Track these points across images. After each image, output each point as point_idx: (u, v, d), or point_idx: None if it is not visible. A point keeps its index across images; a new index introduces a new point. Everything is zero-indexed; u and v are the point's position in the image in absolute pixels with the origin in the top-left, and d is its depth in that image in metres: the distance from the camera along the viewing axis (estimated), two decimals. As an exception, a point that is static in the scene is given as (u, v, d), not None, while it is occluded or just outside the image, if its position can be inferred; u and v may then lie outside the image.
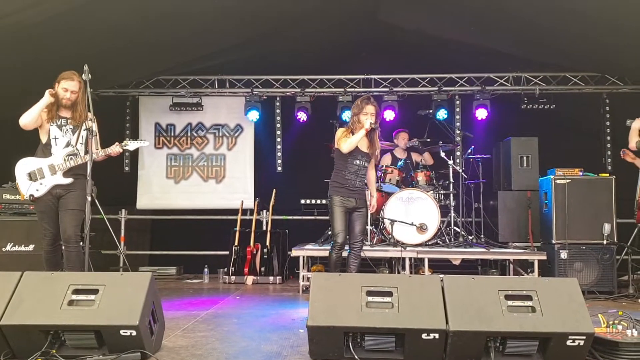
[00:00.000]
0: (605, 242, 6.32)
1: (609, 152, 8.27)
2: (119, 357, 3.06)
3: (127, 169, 8.87)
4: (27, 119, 4.48)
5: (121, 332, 3.06)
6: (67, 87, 4.54)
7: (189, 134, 8.98)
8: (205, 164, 8.94)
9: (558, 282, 3.46)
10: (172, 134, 8.99)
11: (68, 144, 4.60)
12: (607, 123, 8.35)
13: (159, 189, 8.91)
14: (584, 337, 2.99)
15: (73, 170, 4.56)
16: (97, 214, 6.45)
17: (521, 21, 6.68)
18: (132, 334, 3.06)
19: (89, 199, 4.36)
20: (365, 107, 5.20)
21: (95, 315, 3.12)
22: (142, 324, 3.09)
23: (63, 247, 4.55)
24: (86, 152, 4.55)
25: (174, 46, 7.08)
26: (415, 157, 7.86)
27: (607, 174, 6.72)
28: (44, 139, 4.60)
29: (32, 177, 4.50)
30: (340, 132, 5.31)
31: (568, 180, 6.48)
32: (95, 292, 3.22)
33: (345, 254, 5.31)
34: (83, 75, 4.38)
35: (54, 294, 3.21)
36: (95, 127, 4.51)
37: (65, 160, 4.55)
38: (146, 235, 9.69)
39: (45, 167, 4.53)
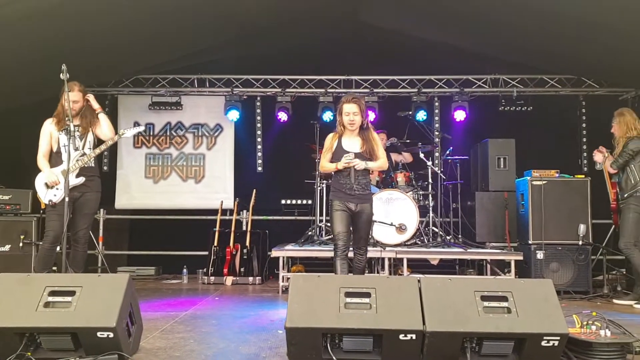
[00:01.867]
0: (580, 242, 6.41)
1: (584, 154, 8.41)
2: (95, 360, 3.04)
3: (105, 168, 8.77)
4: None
5: (98, 334, 3.03)
6: (70, 98, 4.65)
7: (168, 134, 8.93)
8: (185, 163, 8.90)
9: (533, 283, 3.50)
10: (151, 134, 8.92)
11: (77, 149, 4.85)
12: (584, 125, 8.49)
13: (138, 189, 8.85)
14: (559, 338, 3.02)
15: (84, 171, 4.84)
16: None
17: (500, 24, 6.75)
18: (109, 336, 3.03)
19: (67, 199, 4.41)
20: (343, 106, 4.82)
21: (71, 317, 3.09)
22: (120, 325, 3.06)
23: (72, 246, 4.90)
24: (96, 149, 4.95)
25: (154, 45, 7.03)
26: (394, 157, 7.91)
27: (583, 175, 6.82)
28: (54, 147, 4.89)
29: (48, 185, 4.81)
30: (327, 139, 4.96)
31: (544, 182, 6.57)
32: (72, 293, 3.18)
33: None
34: (61, 74, 4.35)
35: (30, 295, 3.17)
36: (72, 128, 4.52)
37: (75, 162, 4.79)
38: (125, 235, 9.59)
39: (59, 173, 4.80)
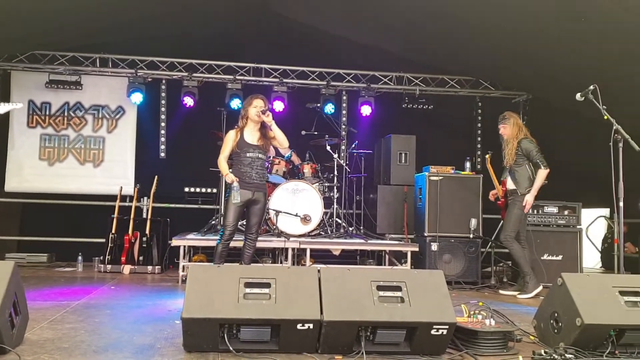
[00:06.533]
0: (471, 236, 6.79)
1: (478, 152, 8.89)
2: (-26, 353, 2.85)
3: (-6, 147, 8.22)
4: None
5: (-23, 325, 2.85)
6: None
7: (65, 114, 8.48)
8: (83, 146, 8.48)
9: (425, 274, 3.66)
10: (47, 113, 8.44)
11: None
12: (479, 125, 8.95)
13: (31, 171, 8.35)
14: (447, 327, 3.17)
15: None
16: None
17: (404, 24, 6.97)
18: (-10, 328, 2.86)
19: None
20: (254, 100, 5.34)
21: (-53, 307, 2.88)
22: (2, 316, 2.89)
23: None
24: None
25: (52, 20, 6.62)
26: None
27: (471, 172, 7.17)
28: None
29: None
30: (228, 135, 5.40)
31: (440, 177, 6.89)
32: (-52, 282, 2.96)
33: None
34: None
35: None
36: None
37: None
38: (15, 219, 9.01)
39: None
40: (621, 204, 4.50)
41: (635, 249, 8.26)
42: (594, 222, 9.00)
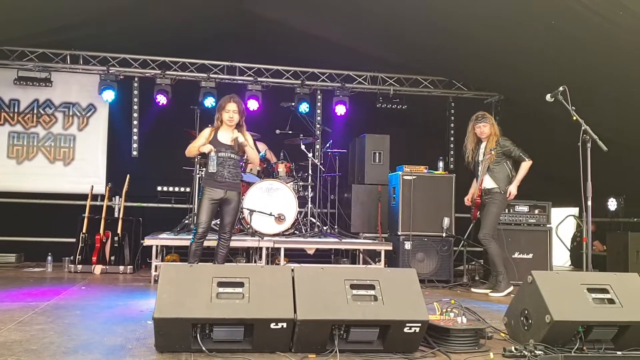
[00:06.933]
0: (444, 234, 6.87)
1: (452, 152, 8.98)
2: (-62, 355, 2.78)
3: (-40, 146, 8.02)
4: None
5: (-58, 327, 2.78)
6: None
7: (35, 111, 8.32)
8: (53, 144, 8.33)
9: (398, 272, 3.69)
10: (16, 110, 8.27)
11: None
12: (452, 125, 9.04)
13: (-1, 169, 8.18)
14: (420, 325, 3.19)
15: None
16: None
17: (382, 25, 7.00)
18: (-45, 330, 2.79)
19: None
20: (227, 104, 5.38)
21: None
22: (-32, 318, 2.83)
23: None
24: None
25: (20, 15, 6.49)
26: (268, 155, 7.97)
27: (444, 172, 7.26)
28: None
29: None
30: (203, 132, 5.53)
31: (414, 177, 6.96)
32: None
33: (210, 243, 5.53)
34: None
35: None
36: None
37: None
38: (-19, 219, 8.84)
39: None
40: (590, 203, 4.60)
41: (603, 247, 8.45)
42: (563, 221, 9.18)
